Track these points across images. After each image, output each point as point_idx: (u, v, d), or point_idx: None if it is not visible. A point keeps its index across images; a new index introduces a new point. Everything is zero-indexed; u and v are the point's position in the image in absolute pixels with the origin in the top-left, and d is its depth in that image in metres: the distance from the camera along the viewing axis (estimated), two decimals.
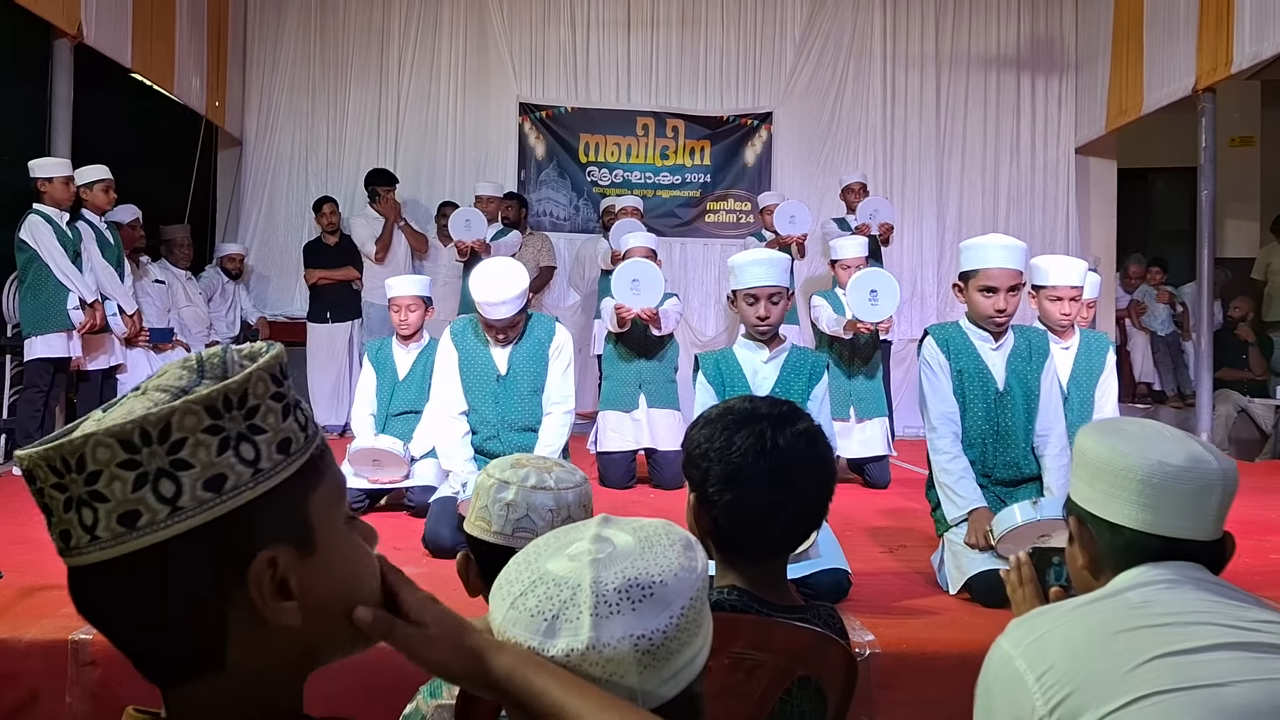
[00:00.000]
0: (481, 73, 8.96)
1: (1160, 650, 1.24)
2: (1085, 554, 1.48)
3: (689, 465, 1.66)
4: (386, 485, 4.69)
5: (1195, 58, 6.92)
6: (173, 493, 0.74)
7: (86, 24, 6.09)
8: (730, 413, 1.66)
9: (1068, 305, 3.83)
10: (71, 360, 5.78)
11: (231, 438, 0.76)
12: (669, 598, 0.97)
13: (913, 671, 2.78)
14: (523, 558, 0.99)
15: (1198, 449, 1.40)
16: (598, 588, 0.94)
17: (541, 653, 0.91)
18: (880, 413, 5.70)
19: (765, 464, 1.58)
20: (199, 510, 0.75)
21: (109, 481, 0.73)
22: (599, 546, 0.98)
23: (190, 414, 0.75)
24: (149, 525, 0.74)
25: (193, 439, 0.75)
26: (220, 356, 0.81)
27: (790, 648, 1.65)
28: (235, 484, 0.76)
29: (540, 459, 1.81)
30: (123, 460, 0.73)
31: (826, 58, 9.09)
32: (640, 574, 0.96)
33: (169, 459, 0.74)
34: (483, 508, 1.75)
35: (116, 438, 0.73)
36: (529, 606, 0.93)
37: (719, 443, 1.60)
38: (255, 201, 8.81)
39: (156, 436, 0.74)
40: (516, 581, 0.96)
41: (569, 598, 0.93)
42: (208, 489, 0.75)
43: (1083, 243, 9.06)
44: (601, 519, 1.05)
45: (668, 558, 0.99)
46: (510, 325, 3.93)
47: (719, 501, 1.59)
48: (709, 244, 9.00)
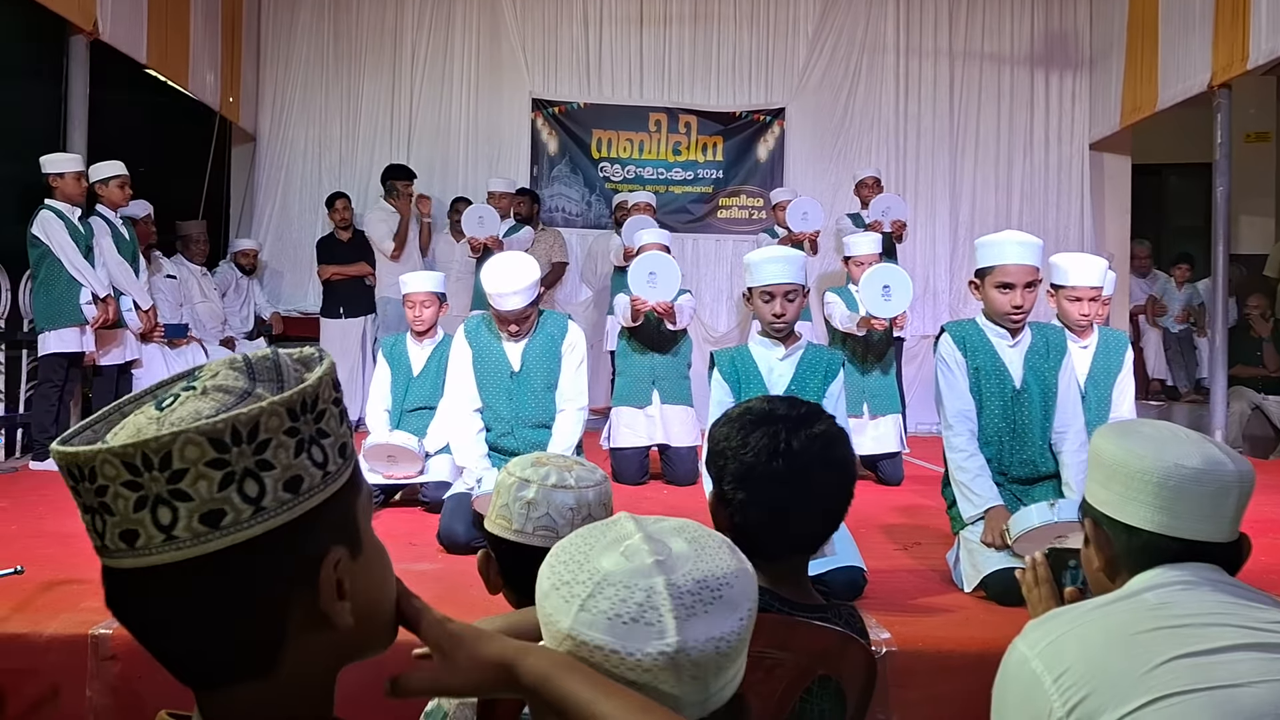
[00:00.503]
0: (494, 68, 8.97)
1: (1178, 651, 1.24)
2: (1102, 556, 1.48)
3: (709, 461, 1.70)
4: (401, 481, 4.71)
5: (1211, 53, 6.89)
6: (257, 492, 0.75)
7: (102, 20, 6.11)
8: (749, 412, 1.69)
9: (1087, 306, 3.82)
10: (85, 355, 5.81)
11: (306, 440, 0.77)
12: (736, 599, 0.97)
13: (929, 670, 2.78)
14: (569, 558, 0.97)
15: (1214, 451, 1.39)
16: (672, 589, 0.93)
17: (627, 656, 0.90)
18: (894, 409, 5.70)
19: (778, 465, 1.60)
20: (279, 510, 0.75)
21: (195, 480, 0.73)
22: (655, 546, 0.97)
23: (275, 415, 0.75)
24: (233, 524, 0.74)
25: (275, 440, 0.75)
26: (271, 359, 0.82)
27: (811, 647, 1.65)
28: (309, 485, 0.77)
29: (561, 457, 1.81)
30: (212, 459, 0.73)
31: (840, 53, 9.07)
32: (707, 575, 0.96)
33: (255, 459, 0.74)
34: (503, 506, 1.75)
35: (208, 436, 0.73)
36: (603, 609, 0.92)
37: (735, 441, 1.64)
38: (269, 197, 8.84)
39: (246, 436, 0.74)
40: (576, 583, 0.94)
41: (644, 599, 0.92)
42: (287, 489, 0.76)
43: (1097, 239, 9.03)
44: (628, 516, 1.05)
45: (722, 558, 0.99)
46: (522, 317, 3.95)
47: (734, 499, 1.62)
48: (721, 240, 9.00)
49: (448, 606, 2.92)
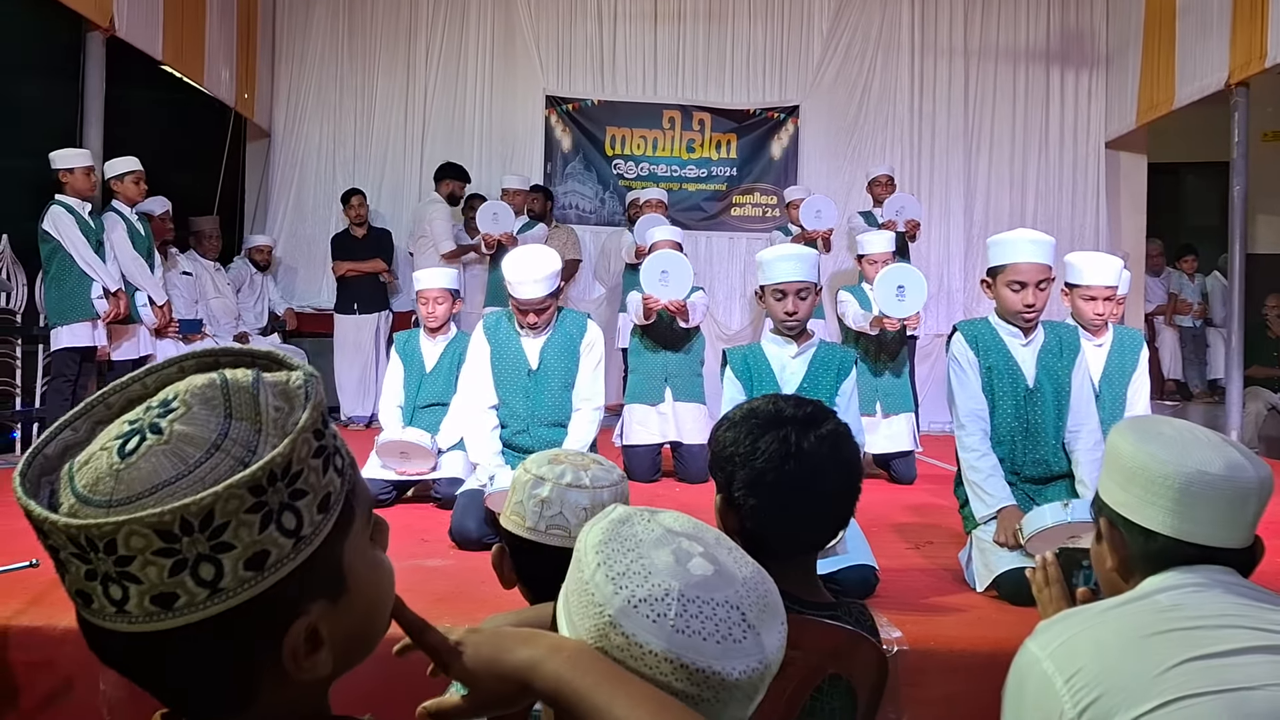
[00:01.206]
0: (508, 65, 8.98)
1: (1190, 654, 1.23)
2: (1115, 556, 1.47)
3: (715, 467, 1.67)
4: (413, 477, 4.71)
5: (1228, 51, 6.84)
6: (213, 575, 0.70)
7: (118, 16, 6.15)
8: (755, 415, 1.66)
9: (1102, 305, 3.80)
10: (98, 350, 5.84)
11: (274, 511, 0.71)
12: (776, 604, 0.98)
13: (940, 669, 2.77)
14: (625, 569, 0.95)
15: (1235, 456, 1.38)
16: (741, 602, 0.94)
17: (726, 677, 0.89)
18: (906, 408, 5.68)
19: (791, 467, 1.58)
20: (240, 590, 0.71)
21: (143, 566, 0.68)
22: (705, 552, 0.97)
23: (234, 498, 0.69)
24: (186, 607, 0.70)
25: (235, 521, 0.70)
26: (250, 392, 0.74)
27: (821, 645, 1.65)
28: (277, 559, 0.72)
29: (580, 455, 1.80)
30: (159, 549, 0.68)
31: (854, 50, 9.05)
32: (755, 582, 0.97)
33: (210, 544, 0.69)
34: (518, 503, 1.74)
35: (153, 529, 0.68)
36: (696, 629, 0.90)
37: (744, 447, 1.61)
38: (283, 193, 8.87)
39: (198, 525, 0.68)
40: (655, 600, 0.92)
41: (725, 616, 0.92)
42: (249, 568, 0.71)
43: (1112, 238, 8.98)
44: (636, 511, 1.04)
45: (746, 561, 1.00)
46: (541, 308, 3.95)
47: (745, 505, 1.60)
48: (735, 238, 8.98)
49: (459, 603, 2.90)
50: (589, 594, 0.95)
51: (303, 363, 0.79)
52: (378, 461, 4.68)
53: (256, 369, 0.77)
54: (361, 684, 2.42)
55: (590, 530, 1.03)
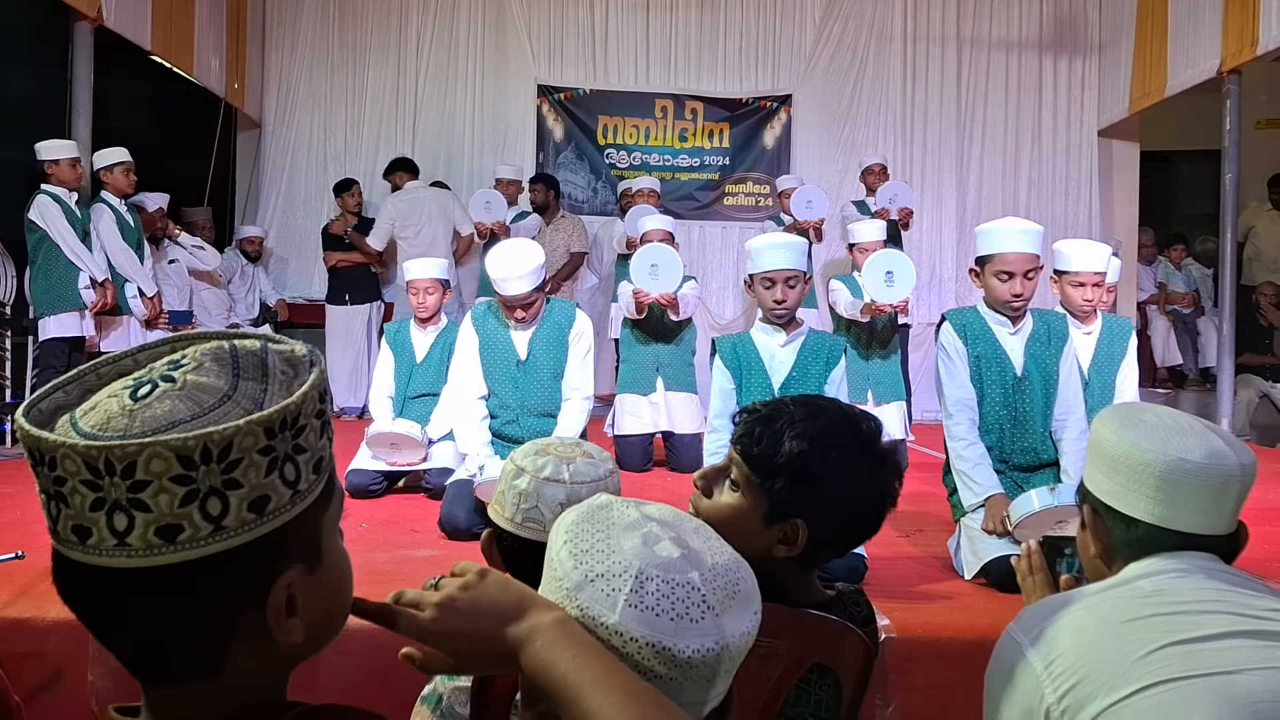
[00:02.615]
0: (500, 54, 8.95)
1: (1170, 639, 1.23)
2: (1099, 543, 1.48)
3: (806, 491, 1.48)
4: (404, 468, 4.71)
5: (1220, 39, 6.84)
6: (219, 511, 0.72)
7: (106, 6, 6.11)
8: (836, 431, 1.53)
9: (1090, 291, 3.81)
10: (86, 340, 5.82)
11: (280, 458, 0.75)
12: (749, 592, 0.99)
13: (928, 656, 2.78)
14: (590, 546, 0.97)
15: (1218, 443, 1.38)
16: (706, 584, 0.94)
17: (678, 653, 0.90)
18: (898, 396, 5.68)
19: (874, 488, 1.54)
20: (240, 531, 0.73)
21: (156, 493, 0.70)
22: (672, 535, 0.98)
23: (251, 434, 0.72)
24: (189, 540, 0.72)
25: (247, 459, 0.73)
26: (259, 355, 0.78)
27: (806, 636, 1.65)
28: (276, 505, 0.75)
29: (570, 446, 1.77)
30: (177, 474, 0.70)
31: (847, 39, 9.03)
32: (725, 568, 0.97)
33: (223, 478, 0.72)
34: (500, 493, 1.75)
35: (176, 452, 0.70)
36: (649, 604, 0.92)
37: (837, 468, 1.48)
38: (274, 183, 8.84)
39: (217, 455, 0.71)
40: (613, 575, 0.94)
41: (685, 595, 0.93)
42: (252, 510, 0.74)
43: (1104, 226, 8.99)
44: (620, 500, 1.05)
45: (723, 549, 1.01)
46: (528, 304, 3.94)
47: (836, 524, 1.51)
48: (727, 227, 8.98)
49: None
50: (552, 568, 0.97)
51: (304, 344, 0.83)
52: (368, 452, 4.68)
53: (263, 340, 0.81)
54: (348, 672, 2.42)
55: (568, 512, 1.04)
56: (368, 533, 3.97)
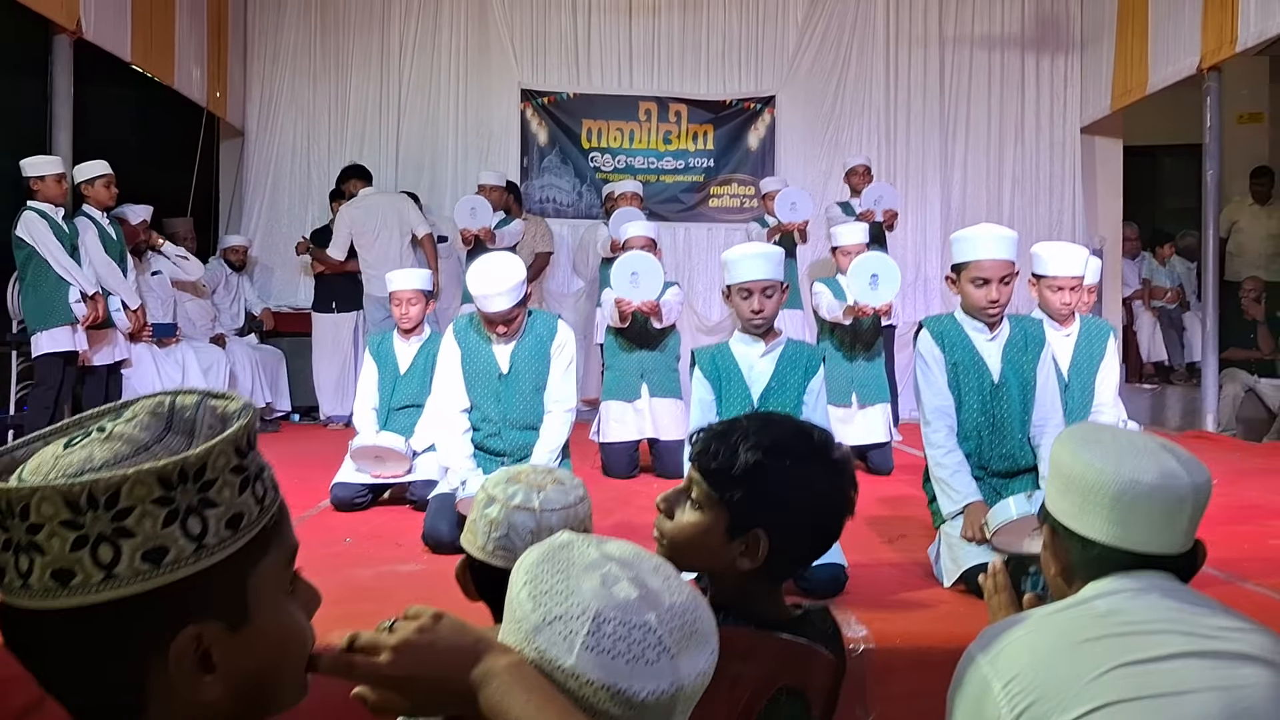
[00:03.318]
0: (483, 59, 8.94)
1: (1122, 659, 1.25)
2: (1058, 562, 1.50)
3: (763, 501, 1.50)
4: (389, 480, 4.71)
5: (1200, 36, 6.87)
6: (110, 559, 0.73)
7: (85, 18, 6.09)
8: (790, 444, 1.55)
9: (1068, 295, 3.83)
10: (79, 354, 5.81)
11: (180, 510, 0.75)
12: (706, 631, 1.00)
13: (907, 665, 2.79)
14: (549, 588, 0.98)
15: (1171, 464, 1.39)
16: (663, 625, 0.95)
17: (632, 696, 0.91)
18: (882, 398, 5.70)
19: (835, 502, 1.56)
20: (133, 580, 0.74)
21: (49, 536, 0.72)
22: (631, 576, 0.98)
23: (141, 484, 0.73)
24: (81, 586, 0.73)
25: (140, 509, 0.74)
26: (193, 412, 0.80)
27: (773, 658, 1.66)
28: (175, 558, 0.75)
29: (542, 473, 1.78)
30: (65, 519, 0.72)
31: (830, 39, 9.04)
32: (682, 608, 0.98)
33: (111, 525, 0.73)
34: (472, 520, 1.76)
35: (63, 496, 0.72)
36: (605, 648, 0.93)
37: (796, 481, 1.51)
38: (258, 192, 8.82)
39: (104, 502, 0.72)
40: (570, 618, 0.95)
41: (642, 637, 0.94)
42: (146, 560, 0.74)
43: (1089, 222, 9.02)
44: (580, 537, 1.06)
45: (681, 587, 1.02)
46: (509, 319, 3.93)
47: (792, 530, 1.51)
48: (713, 229, 8.98)
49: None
50: (512, 609, 0.99)
51: (247, 398, 0.85)
52: (352, 465, 4.68)
53: (202, 396, 0.82)
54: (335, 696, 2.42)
55: (529, 552, 1.05)
56: (351, 547, 3.98)
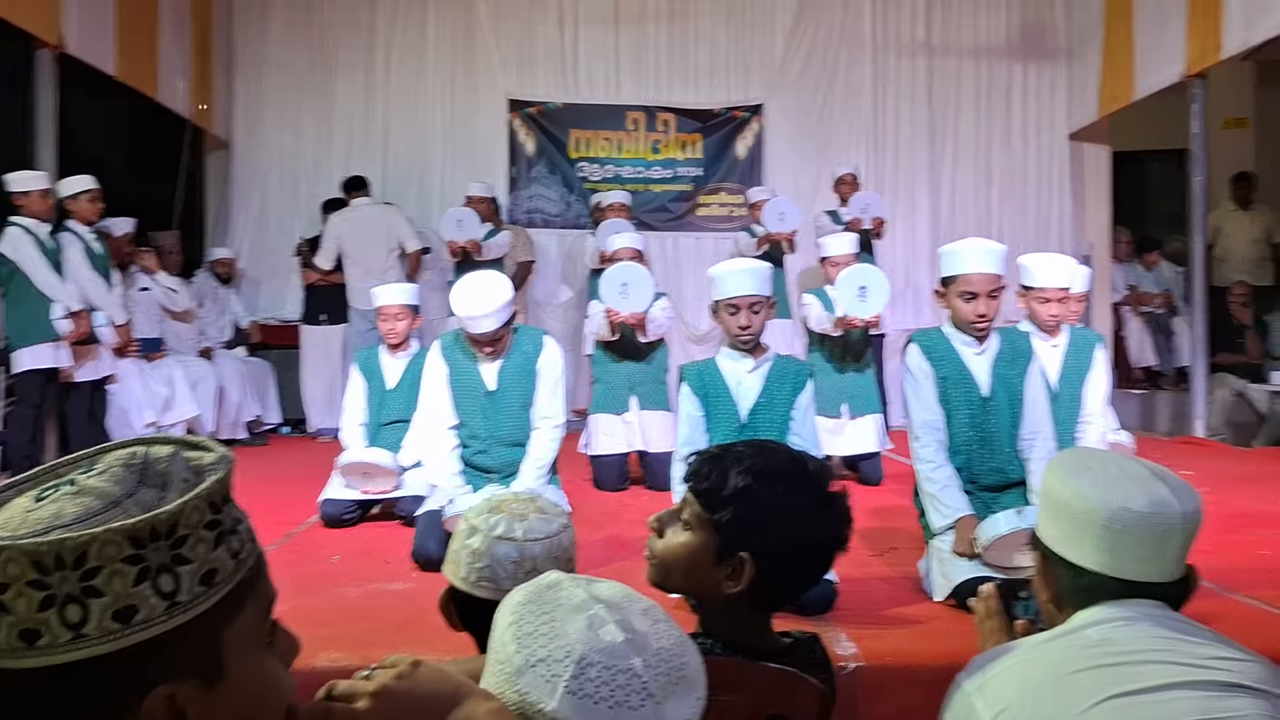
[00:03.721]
0: (469, 70, 8.92)
1: (1114, 690, 1.24)
2: (1049, 589, 1.49)
3: (751, 525, 1.50)
4: (377, 496, 4.68)
5: (1185, 43, 6.90)
6: (78, 619, 0.72)
7: (68, 33, 6.06)
8: (781, 469, 1.57)
9: (1056, 307, 3.83)
10: (61, 371, 5.77)
11: (152, 569, 0.74)
12: (694, 676, 0.99)
13: (898, 683, 2.77)
14: (534, 629, 0.97)
15: (1161, 491, 1.38)
16: (648, 670, 0.94)
17: None
18: (873, 409, 5.69)
19: (821, 527, 1.55)
20: (103, 640, 0.72)
21: (15, 596, 0.71)
22: (618, 619, 0.97)
23: (110, 544, 0.72)
24: (48, 647, 0.72)
25: (109, 568, 0.72)
26: (166, 464, 0.79)
27: (760, 688, 1.65)
28: (146, 617, 0.74)
29: (524, 502, 1.77)
30: (32, 580, 0.71)
31: (817, 48, 9.05)
32: (670, 652, 0.97)
33: (80, 585, 0.72)
34: (454, 551, 1.75)
35: (30, 557, 0.71)
36: (589, 692, 0.92)
37: (783, 503, 1.52)
38: (244, 205, 8.78)
39: (71, 563, 0.71)
40: (554, 661, 0.94)
41: (626, 682, 0.93)
42: (116, 619, 0.73)
43: (1077, 229, 9.04)
44: (568, 578, 1.04)
45: (671, 631, 1.01)
46: (495, 339, 3.90)
47: (779, 557, 1.51)
48: (701, 238, 8.97)
49: (420, 629, 2.86)
50: (495, 651, 0.98)
51: (224, 449, 0.83)
52: (340, 481, 4.65)
53: (177, 448, 0.81)
54: None
55: (516, 592, 1.04)
56: (340, 566, 3.95)
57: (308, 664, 2.55)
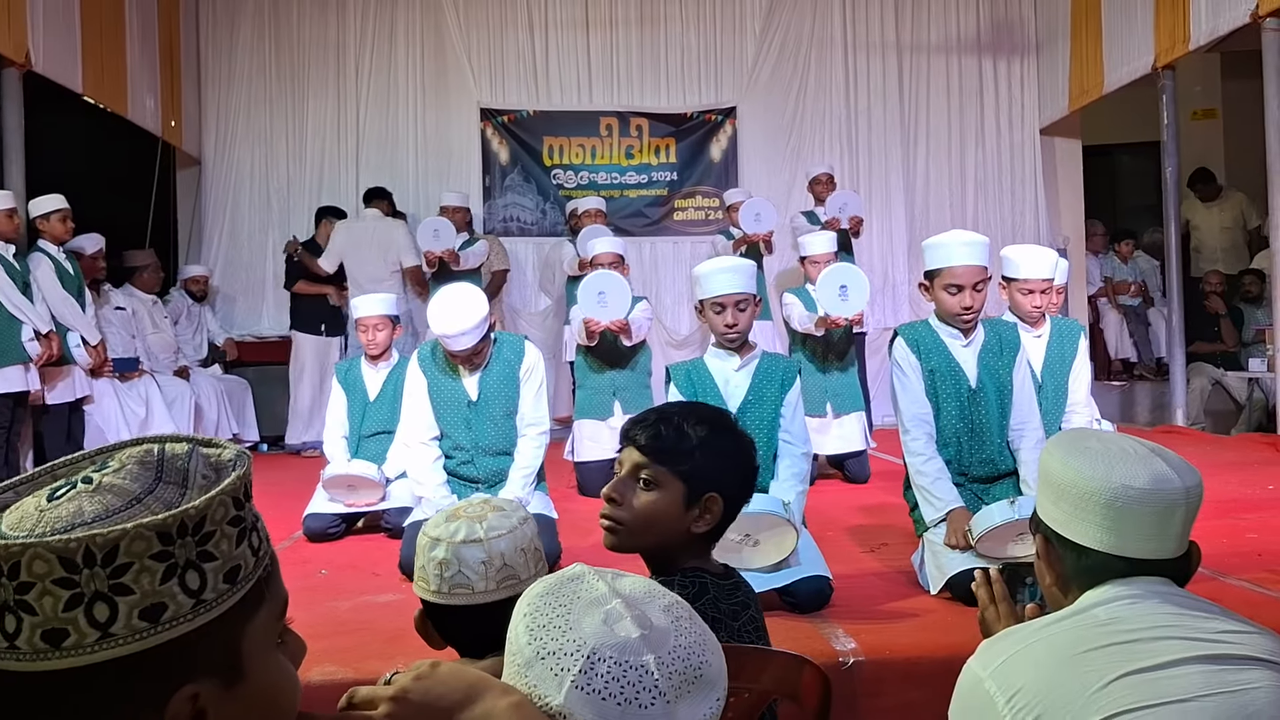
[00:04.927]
0: (440, 80, 8.89)
1: (1126, 668, 1.24)
2: (1053, 572, 1.49)
3: (714, 467, 1.73)
4: (363, 508, 4.64)
5: (1153, 35, 6.96)
6: (106, 618, 0.70)
7: (34, 51, 5.99)
8: (719, 417, 1.84)
9: (1039, 298, 3.84)
10: (31, 394, 5.68)
11: (179, 565, 0.72)
12: (714, 677, 0.96)
13: (897, 677, 2.77)
14: (548, 622, 0.95)
15: (1162, 468, 1.38)
16: (662, 668, 0.92)
17: None
18: (857, 407, 5.70)
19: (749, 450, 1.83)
20: (130, 640, 0.71)
21: (40, 596, 0.69)
22: (635, 615, 0.95)
23: (140, 539, 0.70)
24: (75, 648, 0.70)
25: (138, 564, 0.71)
26: (184, 461, 0.78)
27: (763, 673, 1.65)
28: (174, 615, 0.72)
29: (478, 505, 1.79)
30: (59, 578, 0.69)
31: (788, 49, 9.08)
32: (688, 651, 0.95)
33: (109, 583, 0.70)
34: (420, 568, 1.75)
35: (58, 554, 0.69)
36: (597, 688, 0.90)
37: (730, 446, 1.78)
38: (217, 221, 8.71)
39: (101, 559, 0.69)
40: (564, 654, 0.92)
41: (638, 679, 0.91)
42: (144, 618, 0.71)
43: (1051, 222, 9.10)
44: (592, 572, 1.02)
45: (694, 629, 0.99)
46: (474, 353, 3.86)
47: (735, 487, 1.76)
48: (678, 242, 8.97)
49: (411, 639, 2.85)
50: (509, 642, 0.97)
51: (238, 446, 0.83)
52: (325, 495, 4.60)
53: (193, 444, 0.80)
54: None
55: (538, 583, 1.03)
56: (328, 579, 3.90)
57: (303, 677, 2.52)
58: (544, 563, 1.80)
